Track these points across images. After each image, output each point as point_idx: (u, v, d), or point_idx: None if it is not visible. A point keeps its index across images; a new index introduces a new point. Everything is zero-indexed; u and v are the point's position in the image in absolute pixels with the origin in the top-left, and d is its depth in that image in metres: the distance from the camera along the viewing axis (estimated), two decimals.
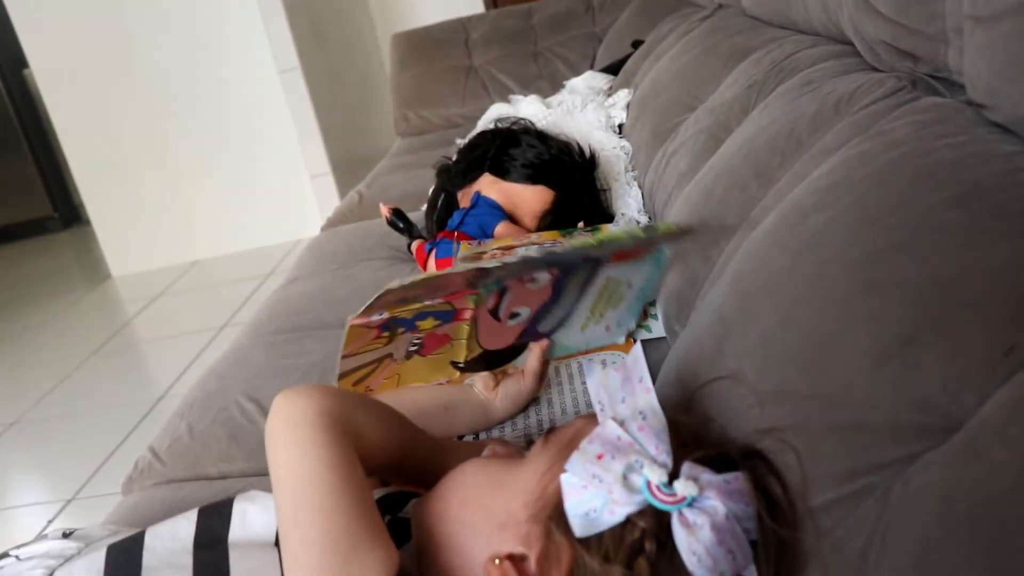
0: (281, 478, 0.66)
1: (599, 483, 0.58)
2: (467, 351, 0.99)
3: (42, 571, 0.69)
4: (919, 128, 0.79)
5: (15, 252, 4.70)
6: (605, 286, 0.99)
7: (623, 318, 1.07)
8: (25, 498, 2.27)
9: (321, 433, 0.65)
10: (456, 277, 0.82)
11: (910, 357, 0.59)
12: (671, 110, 1.58)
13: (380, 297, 0.79)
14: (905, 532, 0.53)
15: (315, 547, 0.61)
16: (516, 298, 0.95)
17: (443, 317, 0.94)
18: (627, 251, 0.95)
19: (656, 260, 0.99)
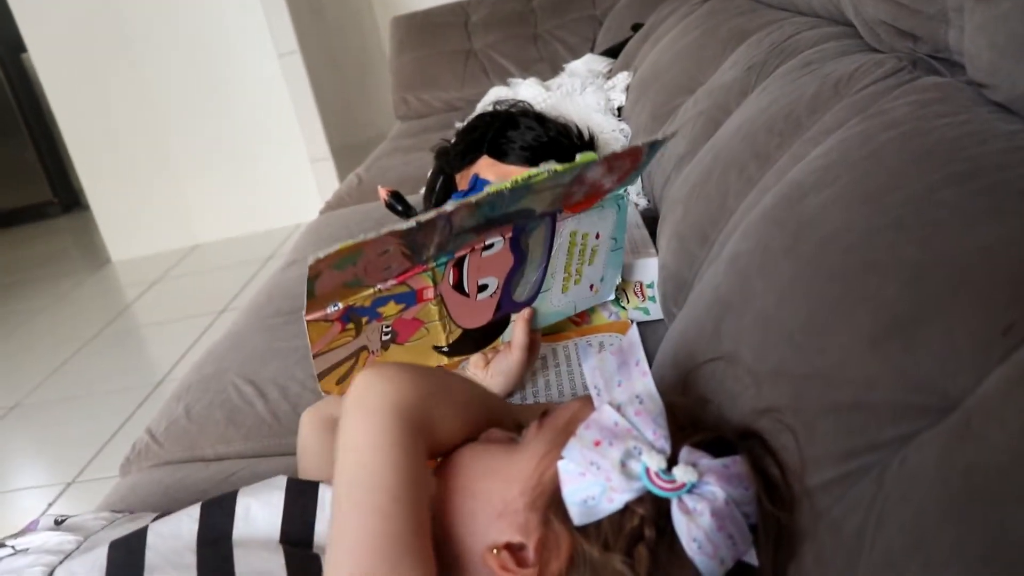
0: (347, 461, 0.64)
1: (597, 470, 0.58)
2: (446, 333, 0.98)
3: (41, 568, 0.68)
4: (919, 107, 0.79)
5: (15, 237, 4.70)
6: (572, 242, 0.99)
7: (607, 274, 1.06)
8: (25, 481, 2.27)
9: (396, 429, 0.63)
10: (376, 243, 0.79)
11: (908, 337, 0.59)
12: (670, 92, 1.57)
13: (313, 276, 0.79)
14: (901, 511, 0.52)
15: (366, 548, 0.59)
16: (477, 269, 0.95)
17: (405, 300, 0.93)
18: (575, 200, 0.95)
19: (617, 205, 1.01)
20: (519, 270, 0.98)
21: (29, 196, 4.84)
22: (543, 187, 0.87)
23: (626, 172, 0.96)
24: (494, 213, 0.87)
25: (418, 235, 0.83)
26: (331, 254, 0.77)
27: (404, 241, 0.82)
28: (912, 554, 0.50)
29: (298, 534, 0.71)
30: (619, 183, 0.98)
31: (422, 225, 0.80)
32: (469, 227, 0.88)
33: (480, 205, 0.83)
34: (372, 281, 0.88)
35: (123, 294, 3.50)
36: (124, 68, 3.49)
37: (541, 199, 0.90)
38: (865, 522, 0.54)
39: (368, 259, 0.83)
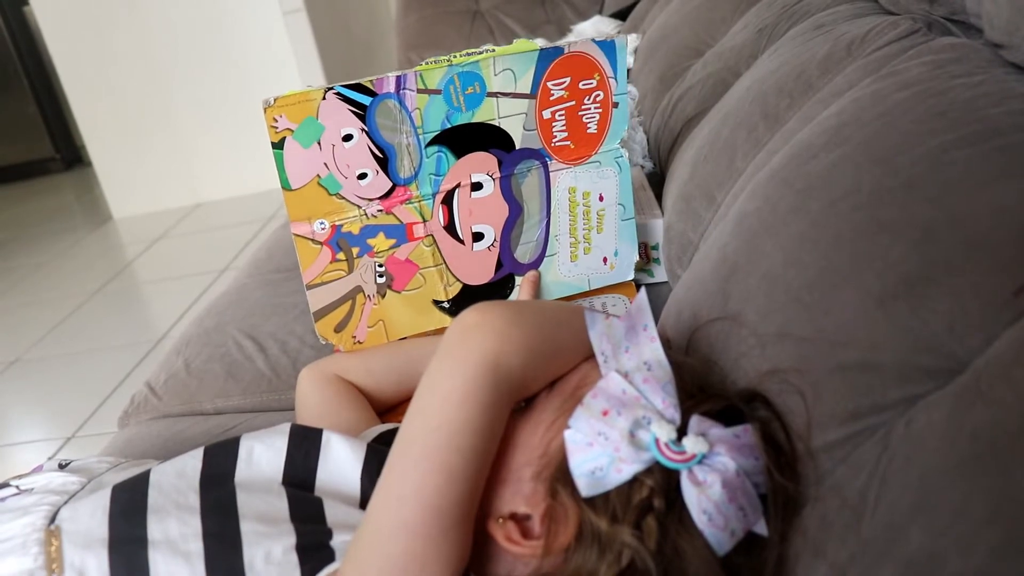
0: (431, 404, 0.60)
1: (605, 440, 0.56)
2: (444, 285, 0.98)
3: (47, 507, 0.68)
4: (934, 68, 0.77)
5: (16, 192, 4.69)
6: (573, 201, 1.00)
7: (620, 248, 1.06)
8: (25, 435, 2.28)
9: (489, 390, 0.60)
10: (330, 110, 0.88)
11: (917, 297, 0.58)
12: (679, 55, 1.56)
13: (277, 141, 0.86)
14: (906, 472, 0.52)
15: (422, 504, 0.56)
16: (469, 212, 0.96)
17: (395, 235, 0.94)
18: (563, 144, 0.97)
19: (616, 164, 1.01)
20: (516, 223, 0.98)
21: (31, 152, 4.82)
22: (497, 87, 0.91)
23: (605, 106, 0.98)
24: (455, 116, 0.91)
25: (376, 117, 0.89)
26: (281, 102, 0.85)
27: (362, 123, 0.89)
28: (916, 515, 0.50)
29: (300, 477, 0.71)
30: (605, 128, 0.99)
31: (370, 94, 0.88)
32: (435, 134, 0.91)
33: (427, 85, 0.89)
34: (350, 191, 0.91)
35: (124, 251, 3.49)
36: (127, 23, 3.45)
37: (507, 113, 0.93)
38: (869, 483, 0.54)
39: (333, 142, 0.88)
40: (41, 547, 0.64)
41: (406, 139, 0.91)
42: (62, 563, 0.63)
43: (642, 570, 0.55)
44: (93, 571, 0.62)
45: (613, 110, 0.98)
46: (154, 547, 0.63)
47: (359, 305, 0.96)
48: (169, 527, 0.64)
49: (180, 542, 0.63)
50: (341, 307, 0.95)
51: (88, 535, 0.64)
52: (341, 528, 0.65)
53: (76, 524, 0.66)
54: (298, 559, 0.62)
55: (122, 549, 0.63)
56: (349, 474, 0.71)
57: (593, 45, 0.94)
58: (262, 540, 0.63)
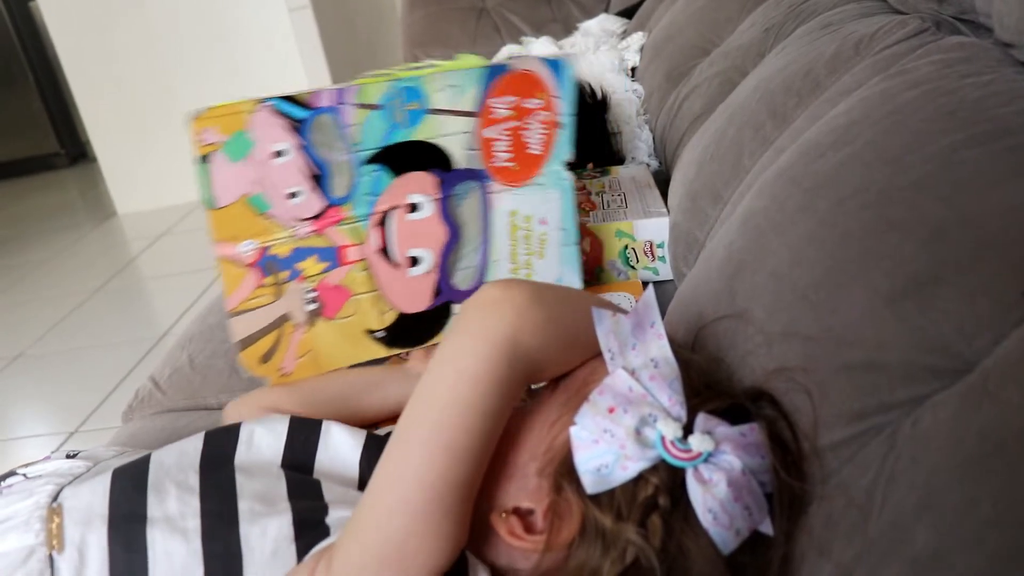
0: (444, 375, 0.60)
1: (611, 437, 0.56)
2: (378, 312, 0.93)
3: (51, 487, 0.68)
4: (943, 67, 0.77)
5: (21, 187, 4.69)
6: (513, 225, 0.95)
7: (563, 273, 1.01)
8: (28, 430, 2.28)
9: (504, 371, 0.59)
10: (261, 120, 0.83)
11: (925, 297, 0.58)
12: (686, 53, 1.55)
13: (203, 154, 0.82)
14: (912, 472, 0.52)
15: (424, 482, 0.56)
16: (405, 235, 0.91)
17: (327, 258, 0.89)
18: (500, 159, 0.93)
19: (559, 186, 0.96)
20: (455, 247, 0.93)
21: (35, 147, 4.83)
22: (440, 103, 0.87)
23: (550, 127, 0.93)
24: (395, 134, 0.87)
25: (311, 133, 0.83)
26: (211, 114, 0.80)
27: (297, 137, 0.83)
28: (922, 514, 0.49)
29: (299, 461, 0.71)
30: (549, 148, 0.94)
31: (305, 107, 0.81)
32: (373, 153, 0.87)
33: (366, 99, 0.84)
34: (280, 211, 0.85)
35: (128, 247, 3.49)
36: (133, 19, 3.46)
37: (449, 132, 0.89)
38: (875, 482, 0.53)
39: (264, 158, 0.83)
40: (43, 524, 0.64)
41: (341, 156, 0.86)
42: (62, 539, 0.63)
43: (646, 568, 0.55)
44: (93, 547, 0.63)
45: (558, 130, 0.94)
46: (152, 524, 0.64)
47: (287, 334, 0.90)
48: (168, 505, 0.65)
49: (178, 519, 0.64)
50: (267, 336, 0.90)
51: (88, 512, 0.65)
52: (337, 505, 0.65)
53: (77, 501, 0.66)
54: (293, 534, 0.63)
55: (121, 526, 0.64)
56: (348, 457, 0.71)
57: (540, 63, 0.90)
58: (259, 518, 0.64)
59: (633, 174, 1.34)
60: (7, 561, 0.62)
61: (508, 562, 0.62)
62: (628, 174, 1.34)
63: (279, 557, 0.62)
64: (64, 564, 0.62)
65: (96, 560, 0.63)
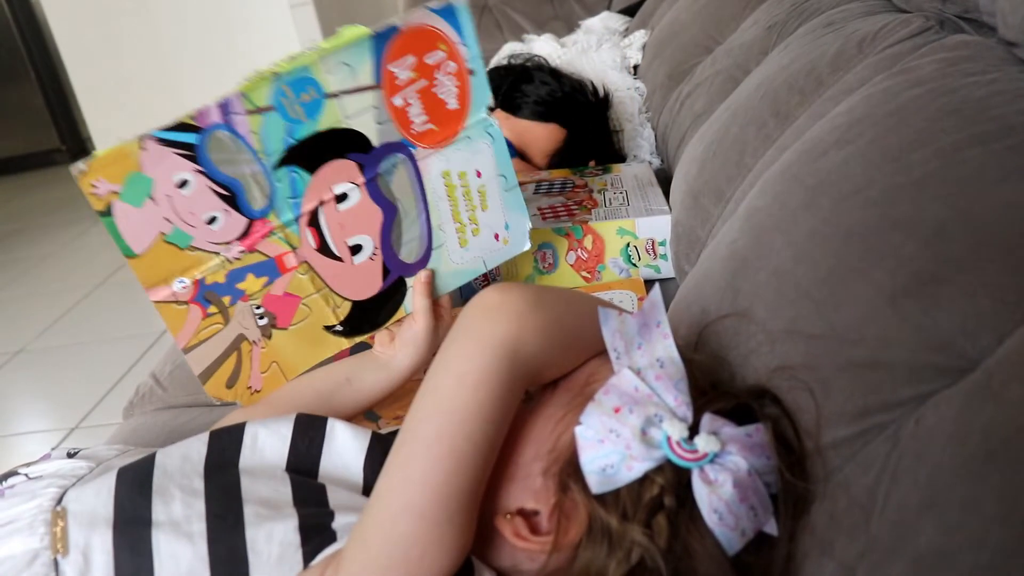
0: (445, 385, 0.59)
1: (616, 438, 0.56)
2: (331, 308, 0.90)
3: (55, 490, 0.68)
4: (946, 65, 0.77)
5: (22, 183, 4.69)
6: (449, 184, 0.91)
7: (511, 219, 0.97)
8: (29, 425, 2.28)
9: (505, 376, 0.59)
10: (152, 156, 0.76)
11: (928, 295, 0.58)
12: (688, 51, 1.55)
13: (103, 209, 0.75)
14: (915, 470, 0.52)
15: (428, 488, 0.56)
16: (340, 227, 0.87)
17: (265, 271, 0.85)
18: (425, 130, 0.87)
19: (487, 135, 0.92)
20: (394, 224, 0.89)
21: (36, 143, 4.81)
22: (336, 86, 0.81)
23: (461, 77, 0.87)
24: (298, 131, 0.81)
25: (209, 154, 0.78)
26: (96, 164, 0.73)
27: (195, 164, 0.77)
28: (926, 512, 0.50)
29: (303, 465, 0.70)
30: (467, 100, 0.88)
31: (194, 130, 0.76)
32: (282, 156, 0.81)
33: (257, 106, 0.79)
34: (203, 240, 0.81)
35: None
36: (135, 15, 3.46)
37: (355, 113, 0.83)
38: (879, 480, 0.54)
39: (167, 192, 0.77)
40: (47, 527, 0.64)
41: (249, 169, 0.80)
42: (67, 543, 0.63)
43: (652, 569, 0.55)
44: (97, 551, 0.63)
45: (471, 78, 0.87)
46: (158, 527, 0.63)
47: (246, 353, 0.87)
48: (173, 509, 0.64)
49: (184, 523, 0.64)
50: (227, 361, 0.87)
51: (93, 515, 0.65)
52: (343, 510, 0.64)
53: (81, 505, 0.66)
54: (300, 539, 0.62)
55: (126, 529, 0.64)
56: (352, 463, 0.71)
57: (430, 14, 0.83)
58: (264, 522, 0.63)
59: (635, 172, 1.34)
60: (11, 565, 0.62)
61: (513, 564, 0.62)
62: (630, 172, 1.34)
63: (285, 562, 0.62)
64: (69, 568, 0.62)
65: (101, 564, 0.62)
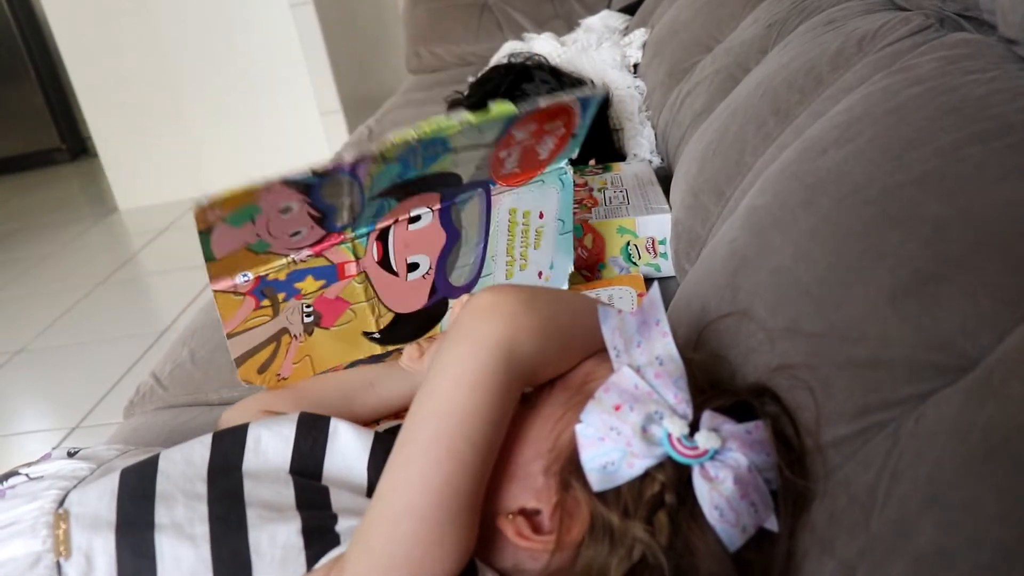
0: (443, 388, 0.59)
1: (617, 435, 0.56)
2: (375, 317, 0.91)
3: (56, 492, 0.67)
4: (946, 63, 0.77)
5: (22, 182, 4.68)
6: (513, 221, 0.94)
7: (556, 260, 1.00)
8: (29, 425, 2.28)
9: (502, 377, 0.59)
10: (271, 193, 0.74)
11: (928, 294, 0.58)
12: (688, 50, 1.55)
13: (204, 229, 0.72)
14: (916, 468, 0.52)
15: (429, 491, 0.56)
16: (405, 244, 0.88)
17: (325, 275, 0.87)
18: (508, 170, 0.89)
19: (559, 181, 0.95)
20: (453, 249, 0.91)
21: (36, 142, 4.81)
22: (461, 144, 0.81)
23: (563, 139, 0.90)
24: (408, 174, 0.81)
25: (321, 191, 0.77)
26: (217, 201, 0.70)
27: (305, 196, 0.77)
28: (926, 511, 0.49)
29: (307, 467, 0.70)
30: (557, 153, 0.92)
31: (320, 176, 0.74)
32: (383, 190, 0.82)
33: (387, 159, 0.77)
34: (280, 247, 0.81)
35: (130, 242, 3.49)
36: (135, 14, 3.45)
37: (464, 161, 0.84)
38: (879, 479, 0.53)
39: (268, 216, 0.76)
40: (49, 530, 0.64)
41: (350, 199, 0.81)
42: (69, 546, 0.63)
43: (653, 566, 0.55)
44: (100, 554, 0.62)
45: (570, 140, 0.90)
46: (160, 531, 0.63)
47: (284, 345, 0.89)
48: (176, 512, 0.64)
49: (186, 526, 0.63)
50: (265, 350, 0.88)
51: (96, 518, 0.64)
52: (347, 514, 0.65)
53: (84, 507, 0.66)
54: (303, 542, 0.62)
55: (129, 532, 0.63)
56: (355, 464, 0.71)
57: (574, 99, 0.84)
58: (267, 524, 0.63)
59: (635, 171, 1.34)
60: (13, 567, 0.62)
61: (516, 564, 0.62)
62: (630, 171, 1.34)
63: (288, 565, 0.61)
64: (72, 571, 0.62)
65: (104, 566, 0.62)
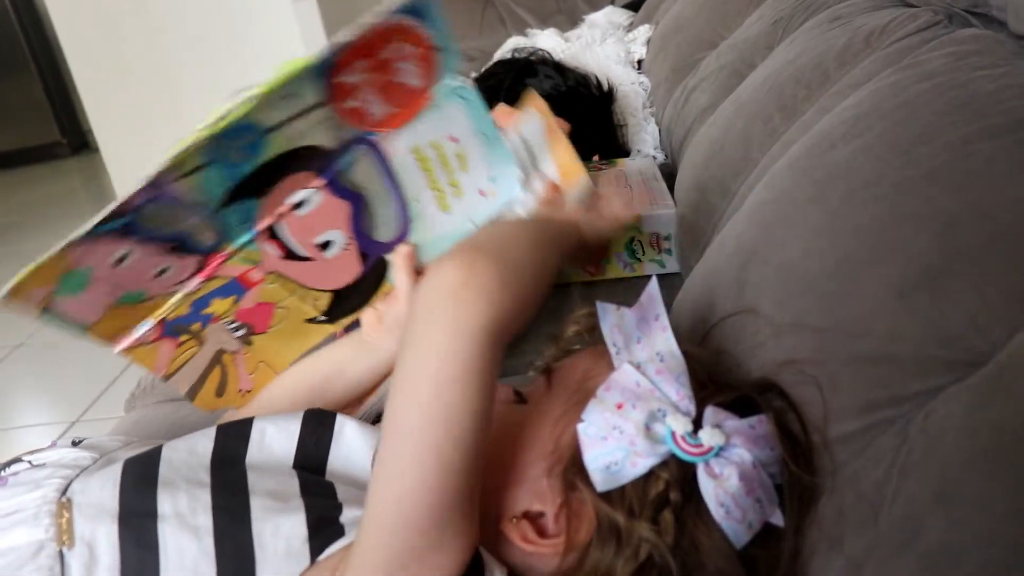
0: (418, 388, 0.56)
1: (620, 434, 0.55)
2: (311, 304, 0.84)
3: (59, 480, 0.67)
4: (956, 59, 0.76)
5: (23, 177, 4.68)
6: (422, 157, 0.82)
7: (495, 171, 0.87)
8: (29, 419, 2.28)
9: (487, 361, 0.55)
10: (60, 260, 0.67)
11: (938, 289, 0.57)
12: (693, 46, 1.55)
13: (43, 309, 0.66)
14: (925, 465, 0.51)
15: (421, 500, 0.54)
16: (303, 231, 0.78)
17: (231, 291, 0.78)
18: (384, 115, 0.76)
19: (458, 97, 0.80)
20: (363, 211, 0.81)
21: (37, 136, 4.81)
22: (277, 119, 0.70)
23: (425, 57, 0.75)
24: (242, 170, 0.71)
25: (149, 223, 0.68)
26: (19, 286, 0.66)
27: (128, 238, 0.68)
28: (935, 507, 0.49)
29: (311, 462, 0.69)
30: (431, 73, 0.77)
31: (112, 219, 0.65)
32: (227, 195, 0.72)
33: (189, 169, 0.67)
34: (158, 289, 0.73)
35: None
36: (136, 9, 3.44)
37: (304, 132, 0.73)
38: (887, 475, 0.53)
39: (105, 272, 0.69)
40: (52, 519, 0.63)
41: (192, 220, 0.71)
42: (72, 535, 0.62)
43: (660, 565, 0.54)
44: (103, 543, 0.62)
45: (437, 54, 0.75)
46: (164, 521, 0.62)
47: (229, 363, 0.83)
48: (179, 501, 0.64)
49: (189, 516, 0.63)
50: (211, 375, 0.82)
51: (99, 507, 0.64)
52: (352, 504, 0.64)
53: (87, 496, 0.65)
54: (307, 533, 0.61)
55: (132, 522, 0.63)
56: (360, 462, 0.70)
57: (387, 14, 0.71)
58: (271, 516, 0.62)
59: (639, 166, 1.34)
60: (15, 556, 0.61)
61: (527, 567, 0.61)
62: (635, 166, 1.34)
63: (292, 556, 0.61)
64: (74, 561, 0.61)
65: (107, 556, 0.61)
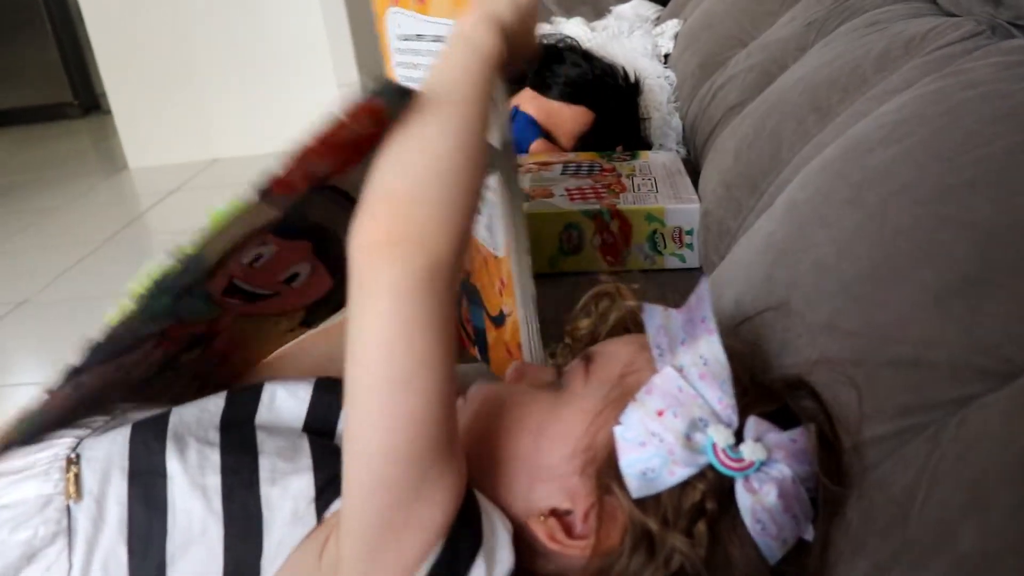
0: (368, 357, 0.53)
1: (659, 442, 0.54)
2: (286, 321, 0.80)
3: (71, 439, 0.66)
4: (1002, 69, 0.76)
5: (32, 135, 4.66)
6: None
7: None
8: (30, 377, 2.27)
9: (435, 306, 0.52)
10: None
11: (975, 297, 0.57)
12: (722, 43, 1.54)
13: None
14: (958, 471, 0.51)
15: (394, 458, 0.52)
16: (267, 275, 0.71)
17: (195, 344, 0.74)
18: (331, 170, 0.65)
19: None
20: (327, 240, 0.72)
21: (48, 95, 4.79)
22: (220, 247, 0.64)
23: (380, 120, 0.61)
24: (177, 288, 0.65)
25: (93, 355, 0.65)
26: None
27: None
28: (968, 514, 0.49)
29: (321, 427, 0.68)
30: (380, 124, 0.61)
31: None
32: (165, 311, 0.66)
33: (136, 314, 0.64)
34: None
35: (138, 201, 3.47)
36: None
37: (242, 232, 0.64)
38: (918, 480, 0.53)
39: None
40: (62, 474, 0.63)
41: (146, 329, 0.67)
42: (81, 489, 0.62)
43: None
44: (111, 499, 0.62)
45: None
46: (172, 480, 0.62)
47: None
48: (188, 458, 0.63)
49: (198, 474, 0.62)
50: None
51: (107, 463, 0.64)
52: None
53: (95, 451, 0.65)
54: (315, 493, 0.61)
55: (140, 479, 0.62)
56: None
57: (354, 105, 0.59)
58: (280, 477, 0.62)
59: (664, 160, 1.33)
60: (23, 509, 0.61)
61: (556, 568, 0.60)
62: (659, 160, 1.33)
63: (299, 518, 0.60)
64: (81, 515, 0.61)
65: (115, 514, 0.61)
